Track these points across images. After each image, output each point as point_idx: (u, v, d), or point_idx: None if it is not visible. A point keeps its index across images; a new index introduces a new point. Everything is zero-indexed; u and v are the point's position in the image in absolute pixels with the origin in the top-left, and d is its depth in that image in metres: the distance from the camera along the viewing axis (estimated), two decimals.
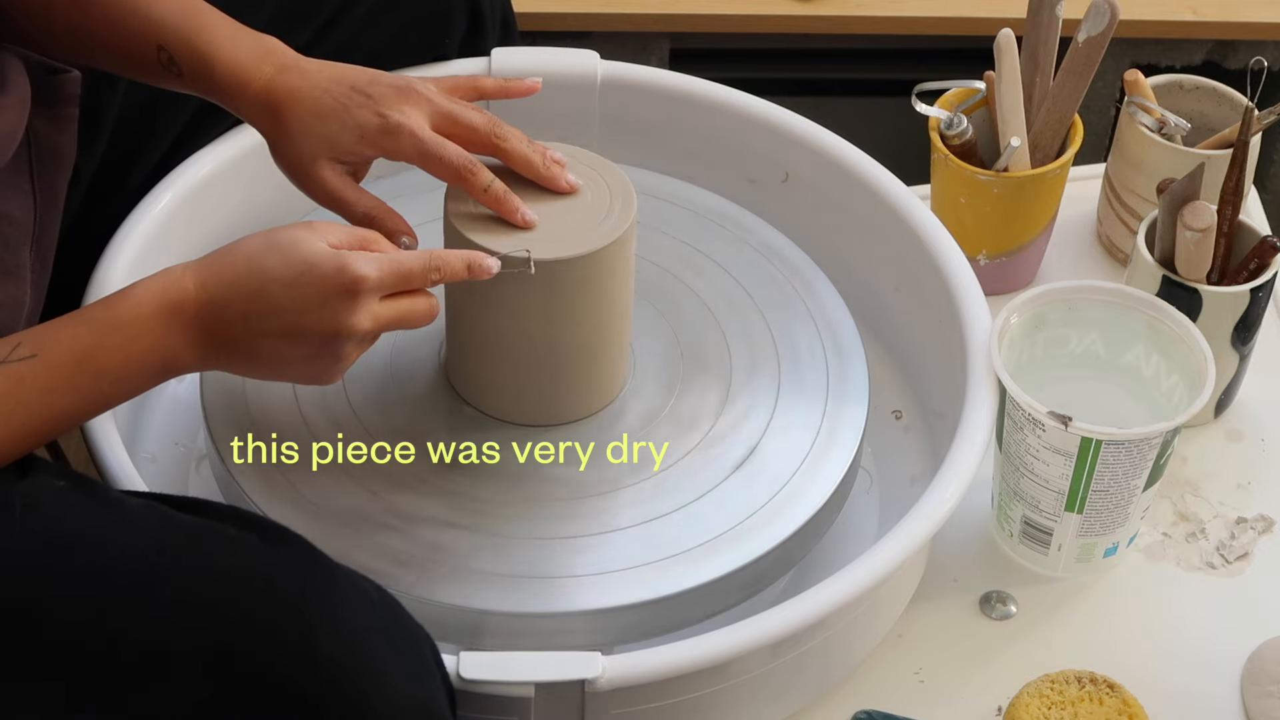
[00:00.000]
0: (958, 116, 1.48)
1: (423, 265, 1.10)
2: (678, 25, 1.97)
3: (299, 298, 1.06)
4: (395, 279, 1.09)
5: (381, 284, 1.08)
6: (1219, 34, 2.00)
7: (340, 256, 1.06)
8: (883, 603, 1.27)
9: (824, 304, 1.36)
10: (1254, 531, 1.40)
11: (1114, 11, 1.46)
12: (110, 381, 1.07)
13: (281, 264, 1.06)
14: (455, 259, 1.12)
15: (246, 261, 1.07)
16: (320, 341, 1.08)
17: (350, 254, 1.07)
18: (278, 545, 1.04)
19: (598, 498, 1.22)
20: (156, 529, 1.02)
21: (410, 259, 1.10)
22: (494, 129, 1.20)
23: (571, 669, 1.12)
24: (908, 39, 2.00)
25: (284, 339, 1.07)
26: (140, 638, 0.99)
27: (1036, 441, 1.28)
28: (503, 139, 1.20)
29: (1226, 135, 1.51)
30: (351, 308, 1.07)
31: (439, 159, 1.18)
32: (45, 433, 1.07)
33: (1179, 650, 1.33)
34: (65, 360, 1.05)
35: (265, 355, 1.09)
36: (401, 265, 1.09)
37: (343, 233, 1.10)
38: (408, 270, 1.09)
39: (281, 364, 1.09)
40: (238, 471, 1.21)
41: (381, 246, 1.11)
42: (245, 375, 1.13)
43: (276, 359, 1.09)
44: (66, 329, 1.06)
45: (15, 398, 1.04)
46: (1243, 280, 1.40)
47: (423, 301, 1.11)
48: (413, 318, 1.11)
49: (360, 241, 1.10)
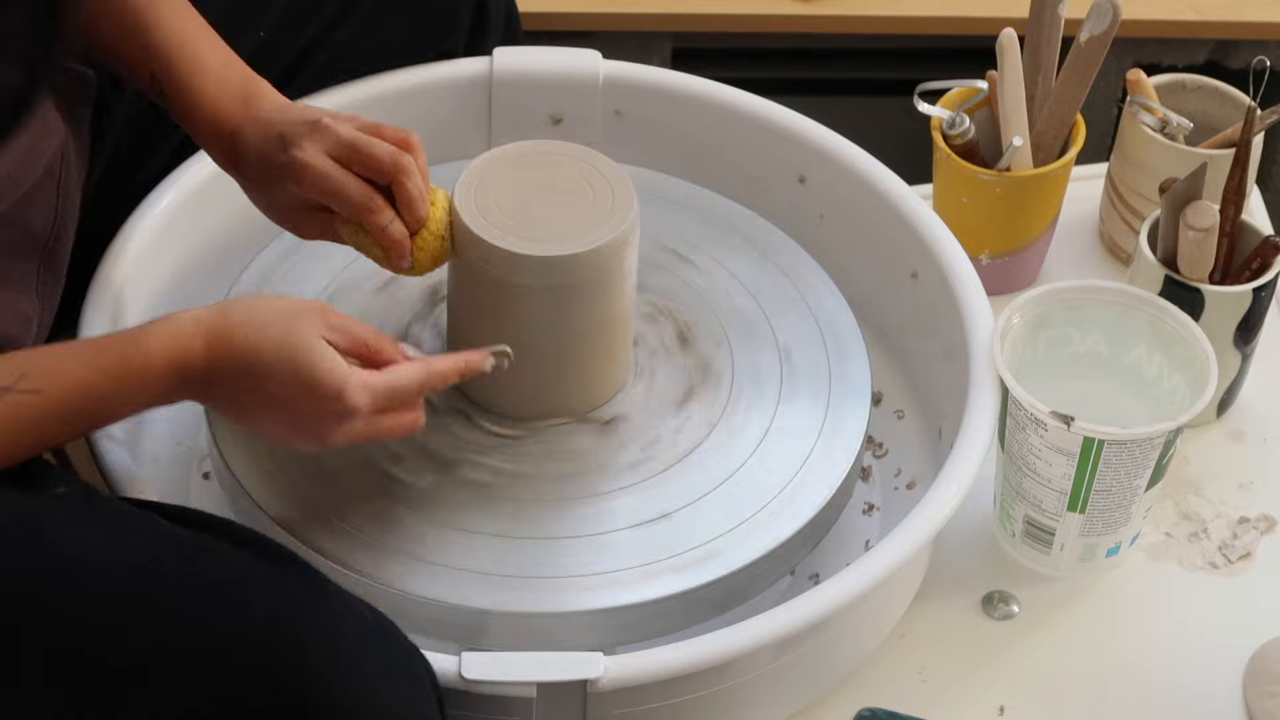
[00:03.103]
0: (960, 116, 1.48)
1: (418, 385, 1.12)
2: (680, 25, 1.96)
3: (294, 397, 1.09)
4: (388, 401, 1.11)
5: (373, 409, 1.10)
6: (1221, 33, 2.00)
7: (342, 379, 1.08)
8: (885, 602, 1.27)
9: (826, 303, 1.36)
10: (1256, 531, 1.40)
11: (1116, 11, 1.46)
12: (108, 419, 1.11)
13: (287, 371, 1.08)
14: (449, 370, 1.14)
15: (256, 353, 1.08)
16: (296, 432, 1.11)
17: (350, 379, 1.09)
18: (275, 564, 1.04)
19: (599, 497, 1.22)
20: (152, 543, 1.02)
21: (407, 379, 1.11)
22: (398, 160, 1.16)
23: (573, 669, 1.12)
24: (910, 38, 2.00)
25: (268, 414, 1.11)
26: (134, 651, 0.99)
27: (1039, 441, 1.28)
28: (404, 172, 1.16)
29: (1229, 135, 1.51)
30: (334, 427, 1.10)
31: (337, 193, 1.16)
32: (33, 452, 1.09)
33: (1181, 650, 1.33)
34: (69, 399, 1.07)
35: (254, 421, 1.12)
36: (395, 388, 1.11)
37: (353, 332, 1.11)
38: (402, 392, 1.11)
39: (262, 427, 1.13)
40: (239, 471, 1.21)
41: (385, 354, 1.12)
42: (229, 421, 1.19)
43: (258, 422, 1.12)
44: (74, 370, 1.07)
45: (15, 426, 1.06)
46: (1245, 280, 1.40)
47: (406, 420, 1.13)
48: (393, 435, 1.13)
49: (364, 351, 1.11)
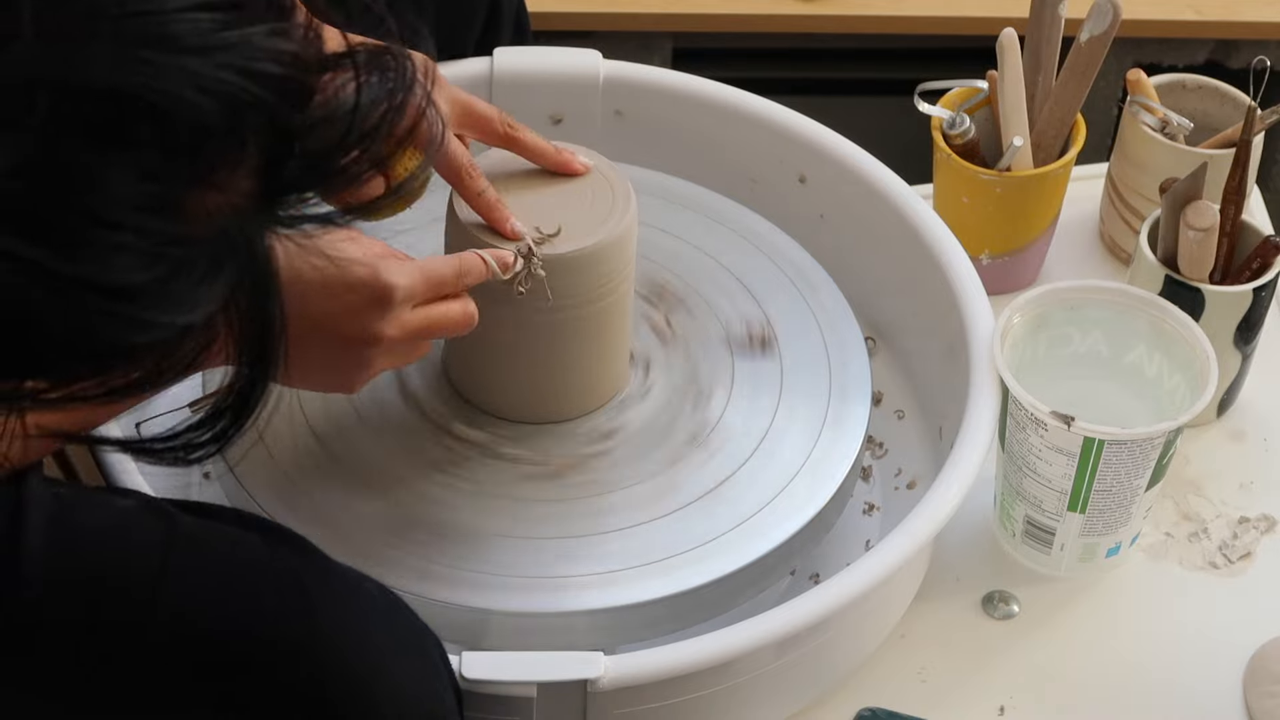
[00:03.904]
0: (960, 116, 1.48)
1: (454, 269, 1.09)
2: (680, 25, 1.97)
3: (328, 300, 1.04)
4: (427, 286, 1.07)
5: (412, 292, 1.06)
6: (1221, 33, 2.00)
7: (371, 262, 1.05)
8: (886, 602, 1.27)
9: (826, 303, 1.36)
10: (1256, 531, 1.40)
11: (1116, 11, 1.46)
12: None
13: (322, 274, 1.03)
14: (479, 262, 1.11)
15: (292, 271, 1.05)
16: (348, 347, 1.06)
17: (381, 261, 1.05)
18: (280, 546, 1.05)
19: (599, 497, 1.22)
20: (159, 530, 1.03)
21: (442, 263, 1.09)
22: (506, 119, 1.20)
23: (574, 669, 1.12)
24: (910, 38, 2.00)
25: (313, 343, 1.05)
26: (144, 640, 0.99)
27: (1039, 441, 1.28)
28: (516, 130, 1.20)
29: (1229, 135, 1.51)
30: (380, 316, 1.05)
31: (445, 153, 1.16)
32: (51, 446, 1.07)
33: (1181, 650, 1.33)
34: None
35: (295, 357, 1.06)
36: (433, 272, 1.08)
37: (381, 245, 1.08)
38: (440, 276, 1.08)
39: (305, 369, 1.05)
40: (239, 470, 1.21)
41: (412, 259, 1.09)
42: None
43: (301, 362, 1.03)
44: None
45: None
46: (1245, 280, 1.40)
47: (456, 307, 1.10)
48: (445, 324, 1.09)
49: (390, 253, 1.08)
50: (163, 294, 0.65)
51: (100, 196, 0.63)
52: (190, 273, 0.65)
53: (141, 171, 0.63)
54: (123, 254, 0.63)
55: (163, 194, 0.64)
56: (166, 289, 0.65)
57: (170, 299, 0.65)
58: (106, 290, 0.64)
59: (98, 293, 0.63)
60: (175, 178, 0.64)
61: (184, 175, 0.64)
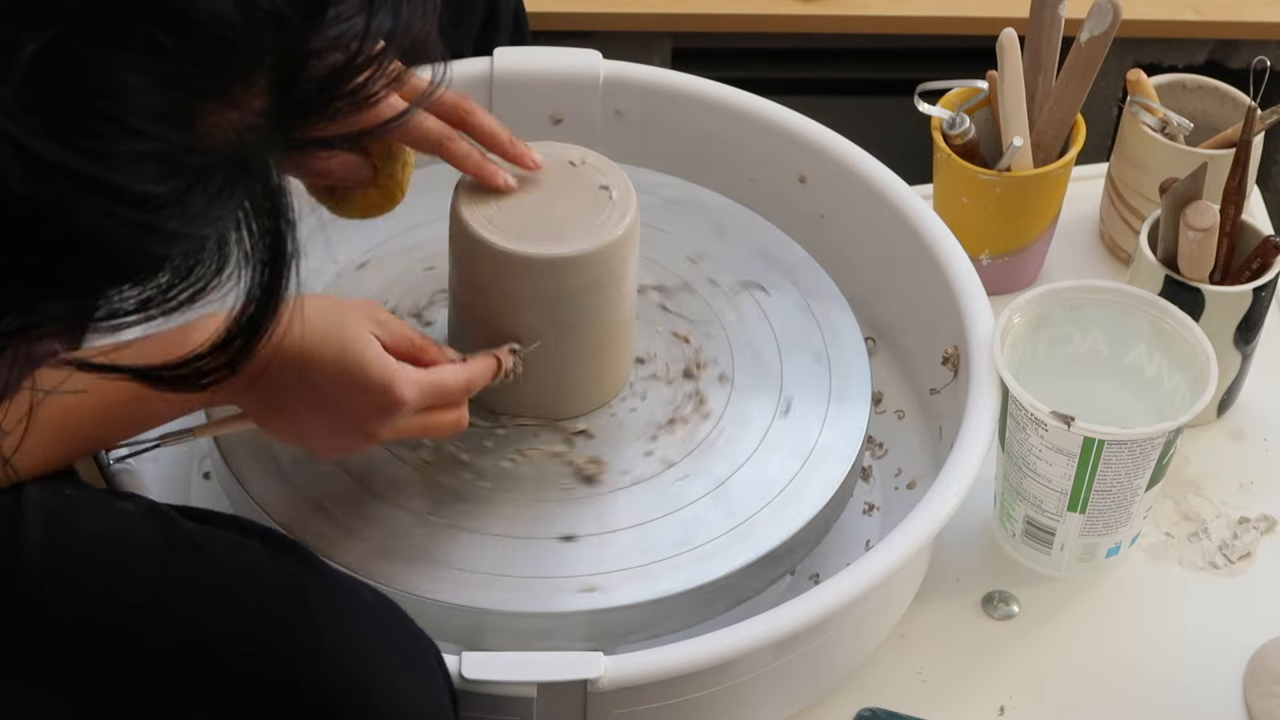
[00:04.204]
0: (960, 116, 1.48)
1: (463, 383, 1.14)
2: (680, 25, 1.97)
3: (342, 392, 1.09)
4: (431, 400, 1.12)
5: (419, 405, 1.11)
6: (1222, 33, 2.00)
7: (390, 373, 1.09)
8: (885, 602, 1.27)
9: (826, 303, 1.36)
10: (1256, 531, 1.40)
11: (1116, 11, 1.46)
12: (153, 419, 1.11)
13: (336, 364, 1.08)
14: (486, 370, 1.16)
15: (305, 347, 1.08)
16: (342, 434, 1.11)
17: (399, 373, 1.10)
18: (280, 552, 1.05)
19: (599, 497, 1.22)
20: (160, 535, 1.03)
21: (453, 377, 1.13)
22: (460, 102, 1.20)
23: (573, 669, 1.12)
24: (910, 38, 2.00)
25: (313, 414, 1.10)
26: (144, 643, 0.99)
27: (1039, 441, 1.28)
28: (470, 112, 1.20)
29: (1229, 135, 1.51)
30: (382, 421, 1.10)
31: (419, 128, 1.17)
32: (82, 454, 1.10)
33: (1181, 650, 1.33)
34: (113, 399, 1.07)
35: (291, 417, 1.11)
36: (441, 385, 1.13)
37: (398, 331, 1.12)
38: (447, 391, 1.13)
39: (302, 429, 1.12)
40: (240, 471, 1.21)
41: (430, 354, 1.14)
42: (264, 426, 1.14)
43: (301, 423, 1.12)
44: None
45: (64, 429, 1.06)
46: (1245, 280, 1.40)
47: (451, 416, 1.14)
48: (435, 432, 1.16)
49: (409, 347, 1.13)
50: (181, 205, 0.66)
51: (123, 103, 0.64)
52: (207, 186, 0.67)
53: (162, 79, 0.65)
54: (144, 162, 0.65)
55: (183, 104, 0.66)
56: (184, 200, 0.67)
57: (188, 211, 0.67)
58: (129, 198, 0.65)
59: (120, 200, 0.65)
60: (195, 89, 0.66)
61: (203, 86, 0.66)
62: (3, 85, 0.63)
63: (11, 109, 0.63)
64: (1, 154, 0.63)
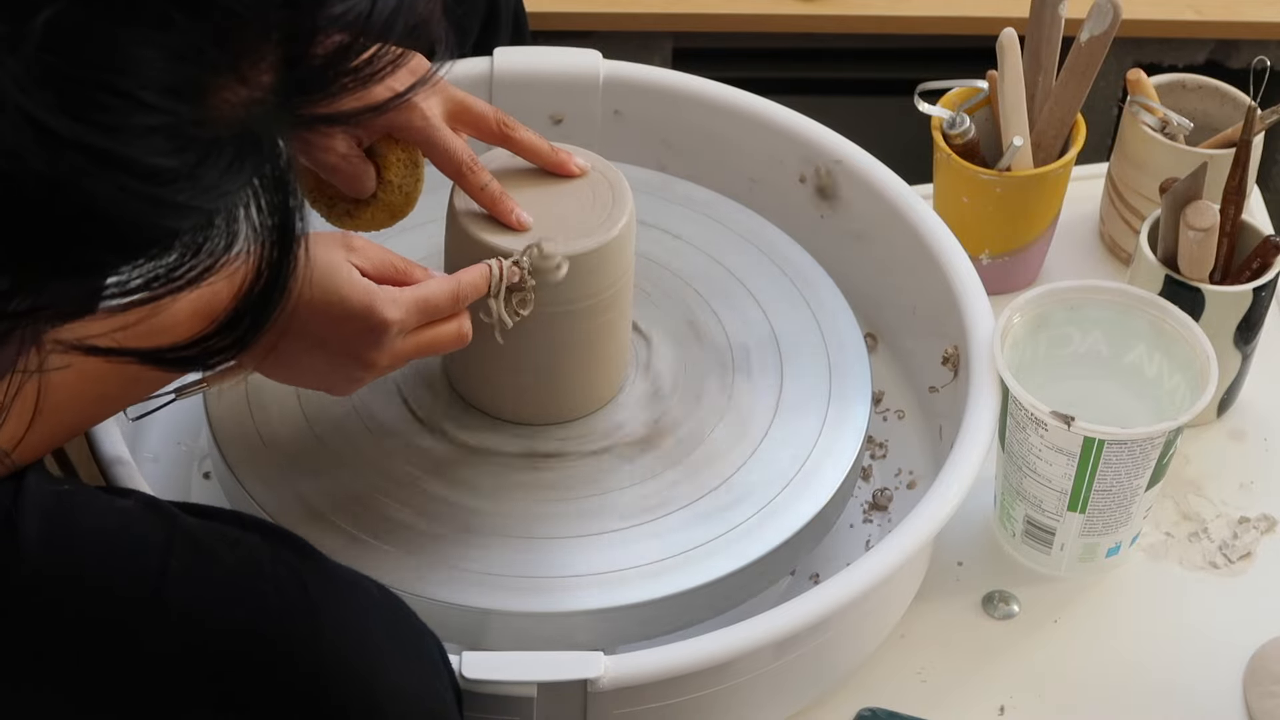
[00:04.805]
0: (960, 116, 1.48)
1: (449, 293, 1.11)
2: (680, 25, 1.97)
3: (325, 325, 1.07)
4: (421, 316, 1.10)
5: (405, 325, 1.09)
6: (1222, 33, 2.00)
7: (369, 295, 1.07)
8: (885, 602, 1.27)
9: (826, 302, 1.36)
10: (1256, 531, 1.40)
11: (1116, 11, 1.46)
12: (145, 388, 1.09)
13: (315, 297, 1.06)
14: (479, 278, 1.12)
15: None
16: (341, 365, 1.09)
17: (378, 294, 1.07)
18: (280, 547, 1.05)
19: (599, 497, 1.22)
20: (160, 530, 1.03)
21: (437, 288, 1.10)
22: (502, 117, 1.21)
23: (574, 669, 1.12)
24: (910, 38, 2.00)
25: (305, 353, 1.09)
26: (145, 640, 0.99)
27: (1039, 441, 1.28)
28: (511, 128, 1.21)
29: (1229, 134, 1.51)
30: (373, 346, 1.08)
31: (444, 148, 1.17)
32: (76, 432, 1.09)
33: (1181, 650, 1.33)
34: (98, 371, 1.05)
35: (286, 358, 1.09)
36: (428, 302, 1.10)
37: (377, 256, 1.10)
38: (434, 306, 1.10)
39: (299, 369, 1.11)
40: (239, 470, 1.21)
41: (413, 275, 1.11)
42: (262, 372, 1.13)
43: (296, 364, 1.10)
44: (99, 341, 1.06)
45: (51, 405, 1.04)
46: (1245, 280, 1.40)
47: (450, 328, 1.12)
48: (436, 347, 1.12)
49: (392, 271, 1.10)
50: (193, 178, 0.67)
51: (133, 76, 0.65)
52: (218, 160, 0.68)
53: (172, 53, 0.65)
54: (155, 136, 0.66)
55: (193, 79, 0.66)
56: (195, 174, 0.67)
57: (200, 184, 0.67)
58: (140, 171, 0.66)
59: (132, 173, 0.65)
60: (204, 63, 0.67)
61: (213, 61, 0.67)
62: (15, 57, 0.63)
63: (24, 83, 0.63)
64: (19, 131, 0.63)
